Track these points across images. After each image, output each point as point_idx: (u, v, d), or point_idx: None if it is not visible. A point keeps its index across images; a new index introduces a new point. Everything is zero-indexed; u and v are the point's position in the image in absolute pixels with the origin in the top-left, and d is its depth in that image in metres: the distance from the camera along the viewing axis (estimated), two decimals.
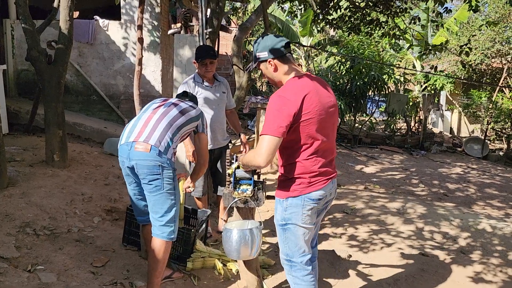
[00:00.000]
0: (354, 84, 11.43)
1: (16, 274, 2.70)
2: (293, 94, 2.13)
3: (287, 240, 2.37)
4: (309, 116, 2.14)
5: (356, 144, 11.40)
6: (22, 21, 4.55)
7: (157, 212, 2.65)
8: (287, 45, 2.26)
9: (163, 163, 2.57)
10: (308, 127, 2.16)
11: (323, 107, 2.21)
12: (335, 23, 7.63)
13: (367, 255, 3.97)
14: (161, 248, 2.66)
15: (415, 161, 10.20)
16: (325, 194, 2.30)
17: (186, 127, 2.81)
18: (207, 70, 3.56)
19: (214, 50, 3.64)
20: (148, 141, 2.57)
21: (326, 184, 2.29)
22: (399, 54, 15.78)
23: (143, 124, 2.67)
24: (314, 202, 2.27)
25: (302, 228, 2.31)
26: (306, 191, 2.25)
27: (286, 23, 13.05)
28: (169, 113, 2.74)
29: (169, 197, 2.63)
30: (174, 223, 2.69)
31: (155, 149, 2.55)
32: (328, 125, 2.26)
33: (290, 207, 2.29)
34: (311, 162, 2.23)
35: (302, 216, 2.28)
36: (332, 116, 2.29)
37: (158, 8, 6.99)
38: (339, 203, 5.51)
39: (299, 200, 2.26)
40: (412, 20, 6.86)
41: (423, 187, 7.44)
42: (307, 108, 2.13)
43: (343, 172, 7.92)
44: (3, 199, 3.55)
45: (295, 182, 2.26)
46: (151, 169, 2.56)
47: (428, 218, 5.12)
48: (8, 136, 5.71)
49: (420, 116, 13.44)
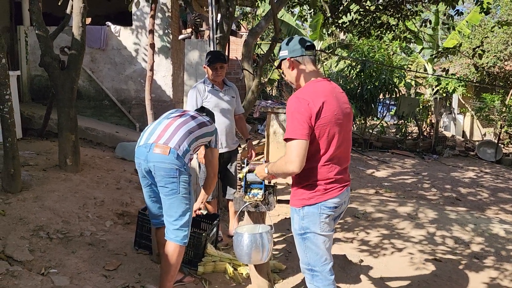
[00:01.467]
0: (364, 87, 11.39)
1: (29, 277, 2.73)
2: (313, 97, 2.11)
3: (308, 249, 2.33)
4: (327, 120, 2.12)
5: (367, 148, 11.34)
6: (36, 27, 4.63)
7: (172, 215, 2.67)
8: (309, 47, 2.26)
9: (180, 167, 2.60)
10: (326, 132, 2.14)
11: (342, 113, 2.21)
12: (345, 27, 7.62)
13: (378, 260, 3.94)
14: (174, 252, 2.67)
15: (427, 165, 10.11)
16: (340, 202, 2.29)
17: (202, 139, 2.86)
18: (217, 74, 3.59)
19: (224, 55, 3.67)
20: (168, 143, 2.61)
21: (342, 191, 2.27)
22: (410, 57, 15.69)
23: (163, 128, 2.71)
24: (331, 210, 2.25)
25: (322, 236, 2.28)
26: (322, 199, 2.22)
27: (294, 28, 13.07)
28: (188, 123, 2.79)
29: (184, 201, 2.65)
30: (188, 227, 2.71)
31: (173, 152, 2.58)
32: (344, 132, 2.25)
33: (307, 216, 2.26)
34: (327, 168, 2.21)
35: (320, 224, 2.25)
36: (348, 123, 2.30)
37: (168, 13, 7.05)
38: (350, 207, 5.48)
39: (316, 208, 2.23)
40: (423, 23, 6.82)
41: (435, 191, 7.37)
42: (326, 112, 2.12)
43: (354, 176, 7.88)
44: (17, 203, 3.60)
45: (310, 190, 2.23)
46: (168, 172, 2.58)
47: (440, 222, 5.06)
48: (22, 141, 5.80)
49: (432, 119, 13.33)
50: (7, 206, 3.52)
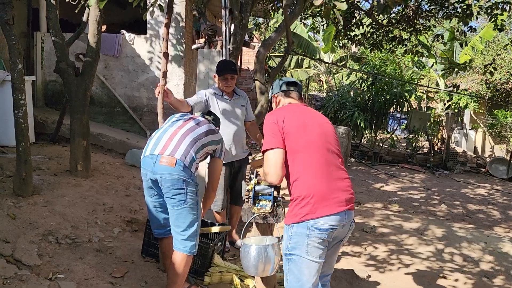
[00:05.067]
0: (375, 100, 11.36)
1: (37, 282, 2.75)
2: (279, 110, 2.33)
3: (290, 272, 2.18)
4: (294, 128, 2.19)
5: (376, 162, 11.28)
6: (53, 34, 4.71)
7: (180, 226, 2.66)
8: (291, 84, 2.48)
9: (187, 177, 2.60)
10: (297, 140, 2.17)
11: (313, 125, 2.26)
12: (357, 40, 7.64)
13: (386, 276, 3.91)
14: (182, 262, 2.67)
15: (437, 180, 10.02)
16: (334, 225, 2.09)
17: (208, 147, 2.84)
18: (227, 84, 3.60)
19: (235, 65, 3.68)
20: (174, 154, 2.60)
21: (336, 212, 2.09)
22: (422, 71, 15.64)
23: (169, 137, 2.70)
24: (321, 232, 2.07)
25: (308, 261, 2.10)
26: (310, 216, 2.07)
27: (306, 40, 13.14)
28: (195, 130, 2.79)
29: (191, 211, 2.65)
30: (196, 237, 2.71)
31: (180, 163, 2.58)
32: (327, 147, 2.22)
33: (294, 236, 2.13)
34: (312, 179, 2.12)
35: (307, 247, 2.09)
36: (331, 139, 2.28)
37: (182, 23, 7.13)
38: (358, 221, 5.44)
39: (304, 228, 2.09)
40: (436, 37, 6.82)
41: (444, 207, 7.29)
42: (291, 122, 2.20)
43: (363, 190, 7.84)
44: (27, 207, 3.64)
45: (298, 205, 2.13)
46: (175, 184, 2.59)
47: (448, 239, 5.01)
48: (34, 145, 5.86)
49: (443, 134, 13.23)
50: (17, 210, 3.56)
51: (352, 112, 10.95)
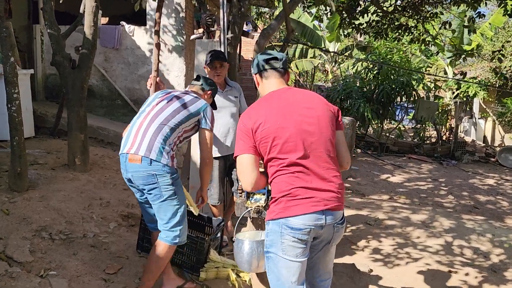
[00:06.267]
0: (380, 89, 11.13)
1: (27, 279, 2.68)
2: (251, 114, 2.11)
3: (270, 271, 2.12)
4: (269, 131, 2.02)
5: (382, 152, 11.11)
6: (48, 26, 4.63)
7: (162, 219, 2.63)
8: (271, 59, 2.21)
9: (156, 171, 2.51)
10: (272, 142, 2.03)
11: (291, 121, 2.04)
12: (362, 28, 7.46)
13: (390, 270, 3.80)
14: (161, 252, 2.62)
15: (445, 171, 9.84)
16: (309, 225, 1.97)
17: (184, 124, 2.68)
18: (216, 73, 3.47)
19: (223, 54, 3.55)
20: (138, 152, 2.53)
21: (311, 212, 1.97)
22: (430, 59, 15.35)
23: (134, 133, 2.62)
24: (294, 232, 1.98)
25: (284, 260, 2.02)
26: (282, 215, 1.99)
27: (310, 29, 12.92)
28: (162, 114, 2.65)
29: (170, 203, 2.59)
30: (180, 226, 2.63)
31: (146, 159, 2.51)
32: (310, 140, 2.04)
33: (270, 233, 2.07)
34: (287, 178, 2.02)
35: (282, 246, 2.01)
36: (308, 133, 2.05)
37: (182, 13, 7.01)
38: (362, 213, 5.33)
39: (277, 225, 2.01)
40: (443, 25, 6.62)
41: (452, 198, 7.14)
42: (266, 124, 2.03)
43: (368, 182, 7.71)
44: (22, 202, 3.58)
45: (275, 203, 2.06)
46: (146, 180, 2.53)
47: (457, 232, 4.88)
48: (34, 139, 5.82)
49: (452, 124, 13.00)
50: (12, 205, 3.50)
51: (358, 102, 10.75)
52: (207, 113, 2.76)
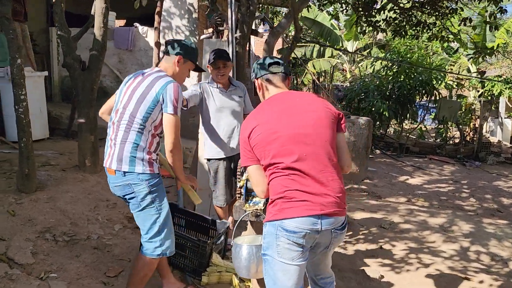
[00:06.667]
0: (398, 86, 10.80)
1: (27, 282, 2.67)
2: (246, 124, 2.11)
3: (266, 274, 2.06)
4: (262, 138, 2.01)
5: (402, 153, 10.82)
6: (58, 28, 4.65)
7: (142, 229, 2.52)
8: (273, 64, 2.20)
9: (131, 180, 2.40)
10: (266, 148, 2.00)
11: (289, 124, 2.01)
12: (378, 26, 7.26)
13: (401, 276, 3.65)
14: (142, 266, 2.51)
15: (468, 172, 9.51)
16: (303, 228, 1.91)
17: (150, 119, 2.40)
18: (219, 73, 3.39)
19: (227, 53, 3.45)
20: (111, 165, 2.44)
21: (307, 215, 1.91)
22: (453, 57, 14.90)
23: (108, 141, 2.51)
24: (289, 234, 1.93)
25: (280, 263, 1.97)
26: (278, 217, 1.96)
27: (327, 28, 12.72)
28: (128, 107, 2.41)
29: (148, 212, 2.46)
30: (159, 236, 2.47)
31: (118, 171, 2.42)
32: (300, 142, 1.98)
33: (266, 235, 2.03)
34: (282, 180, 1.98)
35: (277, 248, 1.97)
36: (308, 132, 2.00)
37: (195, 14, 6.99)
38: (376, 217, 5.17)
39: (273, 227, 1.97)
40: (462, 21, 6.37)
41: (474, 201, 6.87)
42: (258, 131, 2.02)
43: (385, 183, 7.50)
44: (29, 203, 3.59)
45: (272, 205, 2.02)
46: (122, 190, 2.45)
47: (476, 236, 4.67)
48: (48, 141, 5.89)
49: (476, 124, 12.57)
50: (18, 207, 3.51)
51: (375, 101, 10.48)
52: (166, 94, 2.36)
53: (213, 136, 3.49)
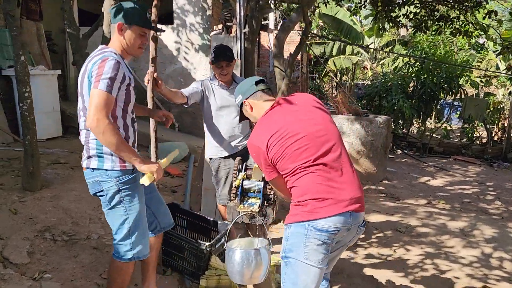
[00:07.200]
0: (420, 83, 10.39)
1: (19, 282, 2.61)
2: (259, 140, 2.06)
3: (286, 277, 2.00)
4: (281, 144, 1.99)
5: (425, 153, 10.43)
6: (67, 26, 4.64)
7: (112, 230, 2.38)
8: (259, 82, 2.23)
9: (99, 176, 2.27)
10: (288, 151, 1.98)
11: (305, 130, 2.01)
12: (398, 21, 6.99)
13: (414, 284, 3.43)
14: (114, 270, 2.40)
15: (495, 174, 9.07)
16: (337, 227, 1.90)
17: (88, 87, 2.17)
18: (222, 73, 3.25)
19: (231, 51, 3.30)
20: (83, 163, 2.34)
21: (339, 213, 1.89)
22: (480, 54, 14.33)
23: None
24: (321, 234, 1.89)
25: (305, 265, 1.92)
26: (310, 217, 1.90)
27: (347, 24, 12.41)
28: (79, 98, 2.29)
29: (117, 212, 2.32)
30: (129, 239, 2.32)
31: (88, 168, 2.31)
32: (321, 143, 1.99)
33: (292, 236, 1.96)
34: (313, 178, 1.94)
35: (305, 249, 1.91)
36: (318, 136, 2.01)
37: (209, 11, 6.89)
38: (392, 219, 4.94)
39: (302, 228, 1.91)
40: (487, 14, 6.04)
41: (499, 204, 6.52)
42: (275, 148, 2.00)
43: (405, 185, 7.21)
44: (32, 202, 3.56)
45: (300, 206, 1.96)
46: (92, 187, 2.33)
47: (499, 242, 4.39)
48: (61, 139, 5.92)
49: (504, 123, 12.02)
50: (21, 205, 3.48)
51: (397, 100, 10.13)
52: (94, 70, 2.10)
53: (214, 135, 3.38)
